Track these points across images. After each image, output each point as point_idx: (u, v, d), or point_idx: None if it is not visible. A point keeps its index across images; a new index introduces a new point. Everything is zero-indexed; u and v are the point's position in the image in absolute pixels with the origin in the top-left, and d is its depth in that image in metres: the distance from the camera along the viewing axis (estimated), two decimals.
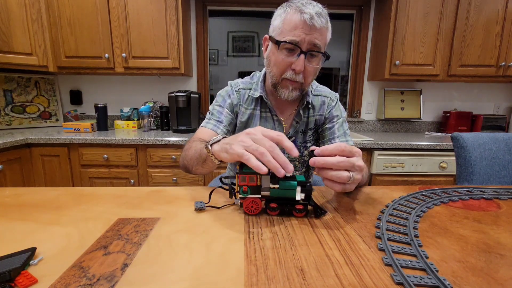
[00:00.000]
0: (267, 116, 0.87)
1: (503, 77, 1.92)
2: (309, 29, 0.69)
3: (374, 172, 1.74)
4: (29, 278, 0.32)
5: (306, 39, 0.70)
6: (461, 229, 0.47)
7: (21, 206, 0.54)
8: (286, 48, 0.73)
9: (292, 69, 0.73)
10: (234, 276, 0.33)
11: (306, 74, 0.75)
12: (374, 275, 0.34)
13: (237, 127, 0.89)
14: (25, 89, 2.02)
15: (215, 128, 0.83)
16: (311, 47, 0.71)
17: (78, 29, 1.81)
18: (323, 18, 0.70)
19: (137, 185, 1.75)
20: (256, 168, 0.44)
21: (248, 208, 0.50)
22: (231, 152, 0.49)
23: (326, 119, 0.91)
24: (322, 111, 0.90)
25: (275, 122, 0.87)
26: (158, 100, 2.19)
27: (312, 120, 0.90)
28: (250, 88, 0.88)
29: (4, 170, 1.49)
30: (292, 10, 0.71)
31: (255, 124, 0.87)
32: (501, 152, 0.99)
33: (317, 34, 0.70)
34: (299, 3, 0.71)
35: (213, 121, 0.85)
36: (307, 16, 0.68)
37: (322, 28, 0.71)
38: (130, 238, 0.42)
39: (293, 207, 0.50)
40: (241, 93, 0.88)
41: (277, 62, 0.75)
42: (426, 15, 1.84)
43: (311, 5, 0.70)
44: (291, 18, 0.70)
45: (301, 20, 0.69)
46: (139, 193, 0.62)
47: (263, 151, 0.44)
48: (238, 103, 0.87)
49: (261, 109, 0.87)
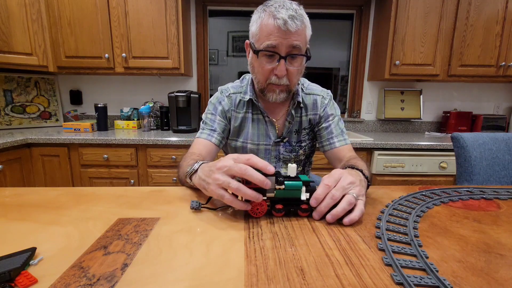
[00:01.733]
0: (259, 118, 0.87)
1: (503, 77, 1.92)
2: (284, 33, 0.69)
3: (374, 172, 1.74)
4: (29, 278, 0.32)
5: (284, 43, 0.70)
6: (461, 229, 0.47)
7: (21, 206, 0.54)
8: (266, 55, 0.73)
9: (275, 74, 0.73)
10: (234, 276, 0.33)
11: (290, 76, 0.75)
12: (374, 275, 0.34)
13: (231, 132, 0.89)
14: (25, 89, 2.02)
15: (210, 138, 0.84)
16: (290, 50, 0.71)
17: (78, 29, 1.81)
18: (297, 20, 0.69)
19: (137, 185, 1.75)
20: (241, 208, 0.47)
21: (253, 211, 0.49)
22: (210, 193, 0.50)
23: (321, 118, 0.90)
24: (315, 109, 0.89)
25: (267, 123, 0.87)
26: (158, 100, 2.19)
27: (306, 119, 0.89)
28: (240, 92, 0.88)
29: (4, 170, 1.49)
30: (266, 16, 0.70)
31: (248, 127, 0.87)
32: (501, 152, 0.99)
33: (294, 37, 0.70)
34: (273, 7, 0.70)
35: (206, 130, 0.85)
36: (281, 21, 0.67)
37: (298, 30, 0.69)
38: (130, 238, 0.42)
39: (298, 207, 0.50)
40: (232, 98, 0.88)
41: (260, 69, 0.76)
42: (426, 15, 1.84)
43: (284, 8, 0.69)
44: (266, 24, 0.70)
45: (275, 26, 0.68)
46: (139, 193, 0.62)
47: (236, 187, 0.45)
48: (230, 108, 0.87)
49: (253, 111, 0.87)
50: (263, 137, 0.88)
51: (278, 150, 0.90)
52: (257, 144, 0.88)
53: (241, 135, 0.89)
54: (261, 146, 0.88)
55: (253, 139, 0.88)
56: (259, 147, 0.88)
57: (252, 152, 0.88)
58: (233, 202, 0.47)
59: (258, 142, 0.88)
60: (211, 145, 0.84)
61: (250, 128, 0.87)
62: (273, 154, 0.90)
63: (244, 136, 0.88)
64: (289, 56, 0.72)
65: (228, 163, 0.47)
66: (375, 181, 1.75)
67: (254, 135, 0.88)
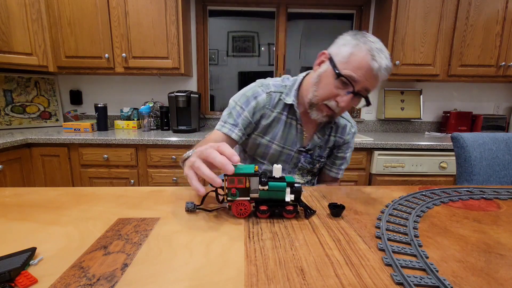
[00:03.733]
0: (291, 123, 0.86)
1: (503, 77, 1.92)
2: (371, 77, 0.70)
3: (374, 172, 1.74)
4: (29, 278, 0.31)
5: (363, 83, 0.71)
6: (461, 229, 0.47)
7: (21, 206, 0.54)
8: (342, 81, 0.72)
9: (336, 101, 0.74)
10: (234, 276, 0.33)
11: (344, 109, 0.77)
12: (374, 275, 0.34)
13: (258, 128, 0.86)
14: (25, 89, 2.02)
15: (230, 133, 0.82)
16: (363, 90, 0.73)
17: (78, 29, 1.81)
18: (387, 73, 0.71)
19: (137, 185, 1.75)
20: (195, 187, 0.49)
21: (237, 211, 0.49)
22: (184, 173, 0.53)
23: (344, 143, 0.92)
24: (343, 134, 0.91)
25: (298, 130, 0.86)
26: (158, 100, 2.19)
27: (332, 139, 0.91)
28: (281, 92, 0.85)
29: (4, 170, 1.49)
30: (365, 50, 0.69)
31: (278, 128, 0.86)
32: (501, 152, 0.99)
33: (374, 83, 0.72)
34: (373, 45, 0.70)
35: (228, 125, 0.83)
36: (376, 65, 0.68)
37: (379, 80, 0.72)
38: (130, 238, 0.42)
39: (283, 208, 0.49)
40: (272, 96, 0.84)
41: (327, 88, 0.74)
42: (426, 15, 1.84)
43: (383, 54, 0.70)
44: (361, 57, 0.69)
45: (369, 66, 0.69)
46: (139, 193, 0.62)
47: (197, 165, 0.49)
48: (265, 106, 0.84)
49: (288, 115, 0.85)
50: (290, 142, 0.87)
51: (299, 158, 0.90)
52: (282, 147, 0.87)
53: (269, 133, 0.87)
54: (285, 150, 0.88)
55: (280, 141, 0.87)
56: (283, 150, 0.88)
57: (275, 154, 0.88)
58: (191, 181, 0.49)
59: (284, 146, 0.87)
60: (231, 141, 0.82)
61: (280, 130, 0.86)
62: (293, 161, 0.90)
63: (271, 136, 0.86)
64: (358, 94, 0.73)
65: (202, 148, 0.50)
66: (375, 181, 1.75)
67: (282, 138, 0.86)
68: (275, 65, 2.27)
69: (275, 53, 2.25)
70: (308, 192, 0.65)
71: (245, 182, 0.48)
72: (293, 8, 2.20)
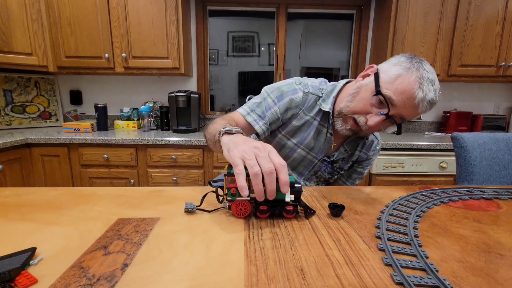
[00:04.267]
0: (322, 130, 0.82)
1: (503, 77, 1.92)
2: (411, 106, 0.66)
3: (374, 172, 1.74)
4: (29, 278, 0.32)
5: (401, 110, 0.67)
6: (461, 229, 0.47)
7: (21, 206, 0.54)
8: (380, 101, 0.68)
9: (367, 118, 0.70)
10: (234, 276, 0.33)
11: (372, 129, 0.73)
12: (374, 275, 0.34)
13: (287, 128, 0.82)
14: (25, 89, 2.02)
15: (254, 123, 0.77)
16: (397, 117, 0.69)
17: (78, 29, 1.81)
18: (429, 106, 0.66)
19: (137, 185, 1.75)
20: (240, 188, 0.44)
21: (237, 211, 0.49)
22: (229, 155, 0.49)
23: (366, 159, 0.91)
24: (368, 150, 0.89)
25: (327, 139, 0.83)
26: (158, 100, 2.19)
27: (357, 154, 0.89)
28: (318, 95, 0.81)
29: (4, 170, 1.49)
30: (415, 76, 0.65)
31: (308, 132, 0.82)
32: (501, 152, 0.99)
33: (412, 112, 0.67)
34: (426, 74, 0.66)
35: (254, 115, 0.78)
36: (421, 95, 0.64)
37: (419, 112, 0.67)
38: (130, 238, 0.42)
39: (283, 208, 0.49)
40: (308, 97, 0.80)
41: (362, 103, 0.71)
42: (426, 15, 1.84)
43: (433, 87, 0.65)
44: (407, 83, 0.65)
45: (412, 93, 0.64)
46: (139, 193, 0.62)
47: (257, 172, 0.44)
48: (299, 106, 0.79)
49: (320, 121, 0.81)
50: (316, 149, 0.84)
51: (320, 167, 0.88)
52: (307, 152, 0.84)
53: (297, 137, 0.83)
54: (309, 157, 0.85)
55: (306, 147, 0.83)
56: (307, 156, 0.85)
57: (298, 158, 0.85)
58: (239, 176, 0.45)
59: (309, 152, 0.84)
60: (251, 131, 0.79)
61: (310, 135, 0.82)
62: (314, 169, 0.88)
63: (299, 139, 0.83)
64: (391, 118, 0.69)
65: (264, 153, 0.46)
66: (375, 181, 1.75)
67: (309, 144, 0.83)
68: (275, 65, 2.27)
69: (275, 53, 2.25)
70: (308, 192, 0.65)
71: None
72: (293, 8, 2.20)
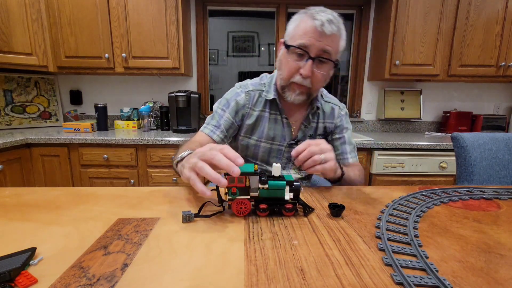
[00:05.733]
0: (276, 118, 0.87)
1: (503, 77, 1.92)
2: (319, 35, 0.70)
3: (374, 172, 1.74)
4: (29, 278, 0.32)
5: (316, 45, 0.71)
6: (461, 229, 0.47)
7: (21, 206, 0.54)
8: (296, 53, 0.74)
9: (300, 73, 0.74)
10: (234, 276, 0.33)
11: (314, 80, 0.76)
12: (374, 275, 0.34)
13: (243, 129, 0.88)
14: (25, 89, 2.01)
15: (211, 134, 0.84)
16: (321, 53, 0.72)
17: (78, 29, 1.81)
18: (334, 25, 0.71)
19: (137, 185, 1.75)
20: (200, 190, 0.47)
21: (237, 210, 0.50)
22: (184, 176, 0.53)
23: (336, 127, 0.92)
24: (332, 118, 0.91)
25: (284, 124, 0.87)
26: (158, 100, 2.19)
27: (322, 126, 0.90)
28: (261, 90, 0.87)
29: (4, 170, 1.49)
30: (306, 17, 0.72)
31: (264, 126, 0.87)
32: (501, 152, 0.99)
33: (327, 41, 0.71)
34: (314, 10, 0.72)
35: (211, 126, 0.86)
36: (318, 22, 0.69)
37: (333, 35, 0.71)
38: (130, 238, 0.42)
39: (282, 206, 0.50)
40: (251, 95, 0.87)
41: (287, 66, 0.77)
42: (426, 15, 1.84)
43: (324, 13, 0.71)
44: (304, 24, 0.72)
45: (312, 26, 0.70)
46: (139, 193, 0.62)
47: (200, 165, 0.47)
48: (246, 105, 0.86)
49: (271, 111, 0.87)
50: (278, 137, 0.88)
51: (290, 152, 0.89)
52: (271, 143, 0.88)
53: (255, 133, 0.88)
54: (275, 146, 0.88)
55: (267, 139, 0.88)
56: (272, 147, 0.88)
57: (265, 152, 0.88)
58: (195, 183, 0.48)
59: (272, 142, 0.88)
60: (211, 142, 0.84)
61: (266, 127, 0.87)
62: (286, 156, 0.90)
63: (258, 135, 0.88)
64: (318, 60, 0.73)
65: (204, 149, 0.50)
66: (375, 181, 1.75)
67: (269, 135, 0.87)
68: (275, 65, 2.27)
69: (275, 53, 2.25)
70: (308, 193, 0.65)
71: (245, 181, 0.49)
72: (293, 8, 2.20)
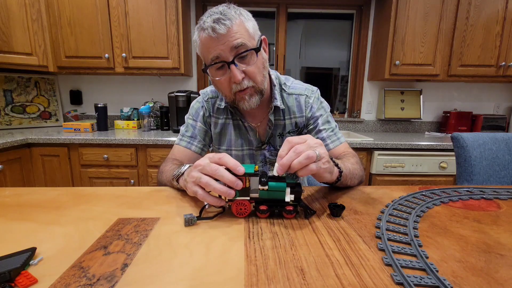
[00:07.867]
0: (239, 124, 0.84)
1: (503, 77, 1.92)
2: (217, 40, 0.65)
3: (374, 172, 1.74)
4: (29, 278, 0.32)
5: (223, 49, 0.65)
6: (461, 229, 0.47)
7: (21, 206, 0.54)
8: (216, 69, 0.69)
9: (234, 82, 0.68)
10: (234, 276, 0.33)
11: (251, 76, 0.69)
12: (374, 275, 0.34)
13: (214, 138, 0.87)
14: (25, 89, 2.01)
15: (189, 146, 0.83)
16: (234, 52, 0.66)
17: (78, 29, 1.81)
18: (224, 21, 0.64)
19: (137, 185, 1.75)
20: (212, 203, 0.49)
21: (237, 211, 0.50)
22: (189, 190, 0.52)
23: (309, 119, 0.84)
24: (300, 111, 0.83)
25: (247, 129, 0.83)
26: (158, 100, 2.19)
27: (290, 122, 0.84)
28: (216, 97, 0.84)
29: (4, 170, 1.49)
30: (199, 32, 0.68)
31: (230, 133, 0.85)
32: (501, 152, 0.99)
33: (229, 38, 0.65)
34: (202, 20, 0.67)
35: (186, 138, 0.84)
36: (208, 30, 0.64)
37: (230, 29, 0.64)
38: (130, 238, 0.42)
39: (283, 208, 0.49)
40: (210, 102, 0.85)
41: (220, 84, 0.72)
42: (426, 15, 1.84)
43: (210, 17, 0.65)
44: (201, 40, 0.68)
45: (206, 37, 0.65)
46: (139, 193, 0.62)
47: (205, 181, 0.47)
48: (210, 114, 0.84)
49: (233, 118, 0.83)
50: (246, 142, 0.85)
51: (263, 154, 0.87)
52: (241, 150, 0.86)
53: (224, 142, 0.86)
54: (245, 151, 0.86)
55: (236, 146, 0.85)
56: (243, 153, 0.86)
57: (237, 158, 0.82)
58: (206, 198, 0.49)
59: (242, 148, 0.85)
60: (191, 154, 0.83)
61: (232, 134, 0.84)
62: (259, 158, 0.87)
63: (227, 143, 0.86)
64: (238, 58, 0.66)
65: (203, 162, 0.49)
66: (375, 181, 1.75)
67: (237, 142, 0.85)
68: (275, 65, 2.27)
69: (275, 53, 2.25)
70: (308, 193, 0.65)
71: (245, 182, 0.48)
72: (293, 8, 2.21)
